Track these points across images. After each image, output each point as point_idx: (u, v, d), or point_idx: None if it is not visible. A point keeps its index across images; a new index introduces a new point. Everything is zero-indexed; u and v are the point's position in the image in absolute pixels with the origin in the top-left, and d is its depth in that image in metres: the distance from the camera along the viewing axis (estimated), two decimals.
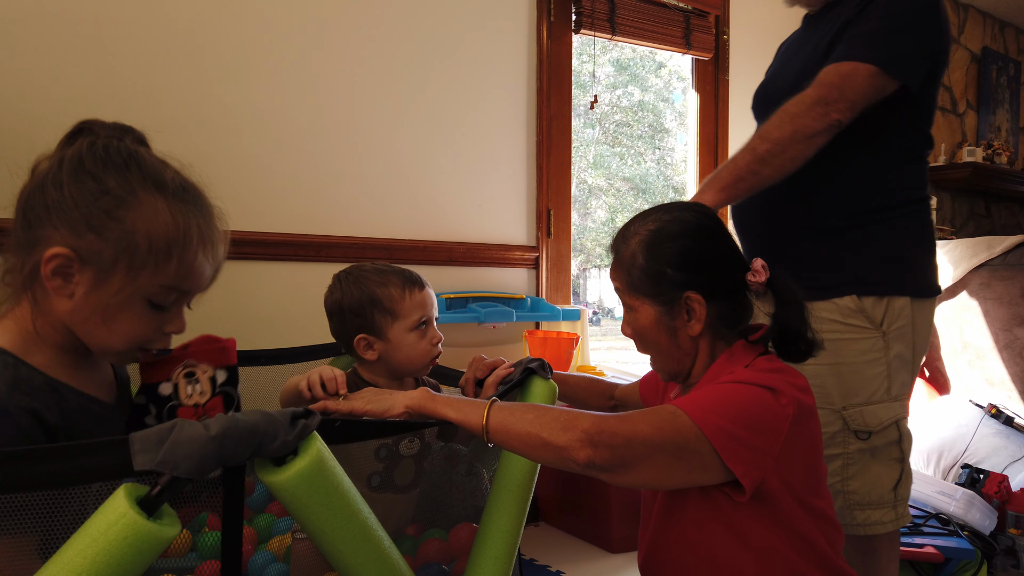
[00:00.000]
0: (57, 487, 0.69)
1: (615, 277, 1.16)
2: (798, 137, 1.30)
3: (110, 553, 0.64)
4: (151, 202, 0.83)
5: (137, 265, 0.83)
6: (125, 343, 0.87)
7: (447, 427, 1.03)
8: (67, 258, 0.81)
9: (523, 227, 2.59)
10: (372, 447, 1.13)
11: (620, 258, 1.14)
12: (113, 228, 0.82)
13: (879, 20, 1.33)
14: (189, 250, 0.86)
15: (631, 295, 1.13)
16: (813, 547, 1.02)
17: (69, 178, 0.82)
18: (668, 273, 1.08)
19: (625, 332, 1.18)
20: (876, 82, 1.31)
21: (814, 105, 1.30)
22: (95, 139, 0.86)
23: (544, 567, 2.15)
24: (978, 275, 2.88)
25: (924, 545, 1.86)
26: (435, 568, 1.15)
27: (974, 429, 2.53)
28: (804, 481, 1.03)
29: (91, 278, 0.82)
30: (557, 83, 2.62)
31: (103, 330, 0.85)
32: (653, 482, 0.97)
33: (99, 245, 0.81)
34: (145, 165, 0.85)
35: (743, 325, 1.13)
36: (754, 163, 1.32)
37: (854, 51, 1.32)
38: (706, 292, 1.08)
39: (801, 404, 1.01)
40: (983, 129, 4.56)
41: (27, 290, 0.84)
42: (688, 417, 0.95)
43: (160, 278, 0.85)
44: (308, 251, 2.10)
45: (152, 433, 0.69)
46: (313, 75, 2.14)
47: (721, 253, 1.11)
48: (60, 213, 0.81)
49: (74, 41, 1.80)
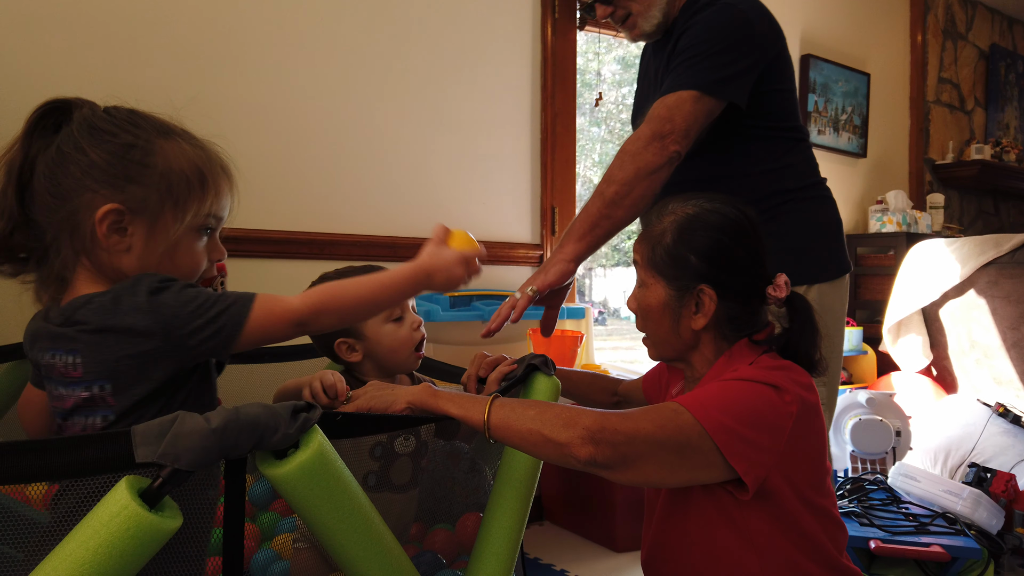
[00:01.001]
0: (60, 479, 0.69)
1: (638, 249, 1.15)
2: (641, 175, 1.33)
3: (112, 545, 0.65)
4: (169, 145, 0.88)
5: (181, 201, 0.87)
6: (188, 277, 0.91)
7: (447, 426, 1.03)
8: (119, 212, 0.84)
9: (527, 225, 2.58)
10: (367, 445, 1.13)
11: (649, 231, 1.13)
12: (149, 174, 0.85)
13: (695, 47, 1.38)
14: (217, 176, 0.91)
15: (647, 271, 1.12)
16: (816, 545, 1.02)
17: (89, 143, 0.84)
18: (691, 260, 1.08)
19: (630, 305, 1.18)
20: (702, 106, 1.35)
21: (650, 142, 1.33)
22: (89, 107, 0.87)
23: (548, 566, 2.15)
24: (986, 273, 2.86)
25: (931, 544, 1.85)
26: (429, 555, 1.15)
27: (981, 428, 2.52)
28: (807, 479, 1.02)
29: (144, 226, 0.86)
30: (562, 81, 2.62)
31: (176, 270, 0.89)
32: (655, 480, 0.97)
33: (143, 192, 0.85)
34: (147, 117, 0.89)
35: (751, 332, 1.11)
36: (604, 208, 1.34)
37: (676, 80, 1.36)
38: (721, 290, 1.07)
39: (805, 402, 1.00)
40: (991, 127, 4.54)
41: (78, 262, 0.86)
42: (691, 414, 0.94)
43: (203, 206, 0.90)
44: (312, 248, 2.10)
45: (154, 425, 0.69)
46: (317, 73, 2.14)
47: (749, 257, 1.09)
48: (95, 175, 0.84)
49: (77, 37, 1.80)
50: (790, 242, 1.39)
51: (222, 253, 0.96)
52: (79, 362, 0.82)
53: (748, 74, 1.38)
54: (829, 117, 3.58)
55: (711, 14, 1.40)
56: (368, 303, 0.94)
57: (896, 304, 3.13)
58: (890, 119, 3.99)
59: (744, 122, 1.42)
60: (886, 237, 3.53)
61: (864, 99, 3.75)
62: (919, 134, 4.09)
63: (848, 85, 3.66)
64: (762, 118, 1.43)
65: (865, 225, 3.73)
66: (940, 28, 4.19)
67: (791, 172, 1.48)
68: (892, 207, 3.59)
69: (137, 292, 0.82)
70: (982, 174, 4.13)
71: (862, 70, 3.74)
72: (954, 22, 4.29)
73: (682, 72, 1.36)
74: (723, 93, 1.35)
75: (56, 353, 0.83)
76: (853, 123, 3.70)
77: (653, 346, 1.16)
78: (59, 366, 0.83)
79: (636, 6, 1.49)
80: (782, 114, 1.47)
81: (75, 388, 0.83)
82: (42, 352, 0.85)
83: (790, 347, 1.08)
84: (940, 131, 4.23)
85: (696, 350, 1.11)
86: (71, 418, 0.84)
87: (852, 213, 3.77)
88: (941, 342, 3.07)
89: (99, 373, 0.81)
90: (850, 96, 3.67)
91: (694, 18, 1.41)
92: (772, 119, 1.45)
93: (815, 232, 1.48)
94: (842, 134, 3.65)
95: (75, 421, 0.84)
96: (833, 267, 1.47)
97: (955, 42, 4.30)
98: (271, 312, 0.85)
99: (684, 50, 1.39)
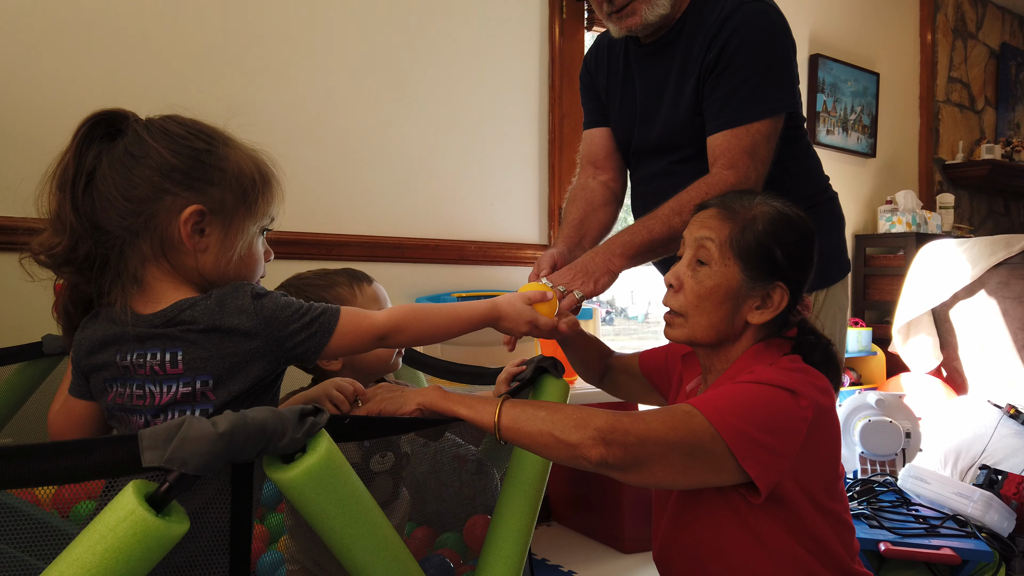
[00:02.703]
0: (67, 482, 0.69)
1: (713, 227, 1.08)
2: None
3: (119, 549, 0.65)
4: (231, 149, 0.92)
5: (251, 201, 0.92)
6: (250, 276, 0.95)
7: (433, 429, 1.04)
8: (201, 213, 0.87)
9: (535, 225, 2.58)
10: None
11: (734, 212, 1.08)
12: (224, 177, 0.89)
13: (749, 66, 1.31)
14: (274, 179, 0.96)
15: (726, 251, 1.06)
16: (828, 549, 1.01)
17: (167, 147, 0.86)
18: (777, 255, 1.06)
19: (671, 280, 1.11)
20: (775, 132, 1.32)
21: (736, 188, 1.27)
22: (147, 118, 0.90)
23: (556, 567, 2.14)
24: (996, 274, 2.84)
25: (941, 547, 1.84)
26: (437, 559, 1.14)
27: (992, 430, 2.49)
28: (820, 483, 1.01)
29: (220, 227, 0.89)
30: (569, 81, 2.61)
31: (244, 269, 0.93)
32: (666, 482, 0.96)
33: (220, 194, 0.89)
34: (203, 125, 0.92)
35: (781, 334, 1.12)
36: (666, 238, 1.30)
37: (744, 111, 1.30)
38: (790, 293, 1.07)
39: (820, 406, 0.99)
40: (1002, 126, 4.51)
41: (157, 265, 0.88)
42: (704, 417, 0.94)
43: (267, 208, 0.94)
44: (320, 250, 2.10)
45: (161, 430, 0.69)
46: (324, 74, 2.14)
47: (813, 268, 1.11)
48: (175, 178, 0.86)
49: (84, 39, 1.81)
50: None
51: (271, 253, 0.99)
52: (181, 359, 0.85)
53: (796, 73, 1.38)
54: (838, 117, 3.56)
55: (752, 24, 1.32)
56: (442, 330, 1.03)
57: (906, 305, 3.11)
58: (899, 119, 3.97)
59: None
60: (895, 237, 3.51)
61: (873, 99, 3.73)
62: (929, 134, 4.06)
63: (857, 85, 3.64)
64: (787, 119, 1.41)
65: (874, 225, 3.71)
66: (950, 27, 4.16)
67: (807, 177, 1.48)
68: (901, 207, 3.57)
69: (240, 296, 0.87)
70: (992, 174, 4.10)
71: (871, 70, 3.72)
72: (964, 21, 4.26)
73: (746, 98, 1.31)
74: (791, 104, 1.35)
75: (149, 352, 0.86)
76: (862, 123, 3.68)
77: (692, 328, 1.09)
78: (152, 364, 0.86)
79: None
80: (794, 114, 1.45)
81: (173, 384, 0.86)
82: (122, 354, 0.87)
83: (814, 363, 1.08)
84: (950, 131, 4.20)
85: (736, 342, 1.10)
86: (165, 413, 0.86)
87: (861, 213, 3.75)
88: (951, 343, 3.05)
89: (202, 369, 0.85)
90: (859, 96, 3.65)
91: (730, 25, 1.32)
92: (788, 120, 1.42)
93: (834, 236, 1.49)
94: (851, 134, 3.63)
95: (171, 416, 0.86)
96: (845, 266, 1.51)
97: (965, 41, 4.27)
98: (359, 324, 0.93)
99: (738, 68, 1.31)
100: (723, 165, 1.31)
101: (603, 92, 1.59)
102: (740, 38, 1.32)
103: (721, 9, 1.35)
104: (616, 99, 1.56)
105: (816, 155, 1.53)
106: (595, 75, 1.60)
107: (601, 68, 1.58)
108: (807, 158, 1.49)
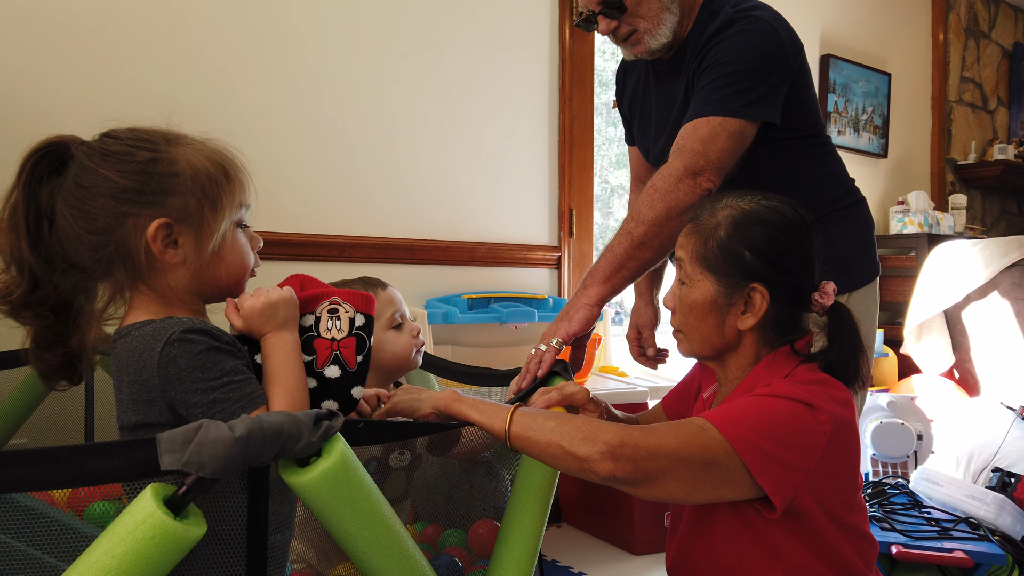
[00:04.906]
0: (86, 485, 0.70)
1: (684, 244, 1.10)
2: (672, 214, 1.25)
3: (137, 552, 0.65)
4: (181, 150, 0.88)
5: (214, 198, 0.88)
6: (243, 271, 0.94)
7: (438, 442, 1.04)
8: (168, 225, 0.85)
9: (545, 227, 2.58)
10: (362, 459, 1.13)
11: (699, 225, 1.09)
12: (179, 182, 0.86)
13: (724, 66, 1.30)
14: (234, 167, 0.92)
15: (696, 266, 1.07)
16: (844, 562, 0.99)
17: (111, 170, 0.84)
18: (745, 257, 1.04)
19: (667, 303, 1.13)
20: (737, 132, 1.27)
21: (682, 179, 1.25)
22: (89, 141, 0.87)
23: (566, 568, 2.15)
24: (1009, 275, 2.83)
25: (953, 550, 1.83)
26: (446, 559, 1.15)
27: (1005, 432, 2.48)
28: (838, 497, 0.99)
29: (191, 234, 0.87)
30: (579, 82, 2.62)
31: (224, 270, 0.91)
32: (678, 496, 0.94)
33: (181, 201, 0.86)
34: (148, 130, 0.89)
35: (792, 338, 1.08)
36: (632, 248, 1.27)
37: (708, 105, 1.29)
38: (773, 290, 1.04)
39: (839, 419, 0.97)
40: (1014, 126, 4.48)
41: (134, 288, 0.87)
42: (717, 431, 0.92)
43: (234, 200, 0.91)
44: (331, 251, 2.11)
45: (178, 433, 0.70)
46: (335, 75, 2.15)
47: (803, 259, 1.07)
48: (130, 198, 0.84)
49: (90, 40, 1.82)
50: (836, 252, 1.35)
51: (259, 240, 0.98)
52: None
53: (780, 89, 1.34)
54: (849, 117, 3.54)
55: (738, 34, 1.33)
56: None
57: (918, 306, 3.09)
58: (911, 119, 3.95)
59: (776, 136, 1.37)
60: (907, 238, 3.49)
61: (885, 99, 3.71)
62: (941, 134, 4.04)
63: (868, 85, 3.62)
64: (792, 129, 1.39)
65: (886, 226, 3.70)
66: (962, 27, 4.14)
67: (828, 181, 1.46)
68: (913, 208, 3.55)
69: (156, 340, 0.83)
70: (1005, 174, 4.07)
71: (883, 70, 3.70)
72: (976, 21, 4.24)
73: (712, 95, 1.30)
74: (759, 114, 1.30)
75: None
76: (874, 123, 3.66)
77: (689, 343, 1.11)
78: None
79: (643, 23, 1.38)
80: (810, 121, 1.45)
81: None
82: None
83: (837, 365, 1.05)
84: (962, 131, 4.17)
85: (736, 351, 1.08)
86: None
87: (873, 214, 3.73)
88: (964, 344, 3.03)
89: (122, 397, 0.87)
90: (871, 96, 3.63)
91: (719, 36, 1.34)
92: (802, 128, 1.42)
93: (858, 239, 1.47)
94: (862, 134, 3.62)
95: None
96: (871, 270, 1.48)
97: (977, 41, 4.24)
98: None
99: (713, 69, 1.32)
100: (673, 152, 1.30)
101: (627, 109, 1.64)
102: (722, 46, 1.33)
103: (717, 24, 1.36)
104: (638, 116, 1.59)
105: (839, 160, 1.51)
106: (623, 92, 1.65)
107: (628, 86, 1.63)
108: (824, 164, 1.47)
